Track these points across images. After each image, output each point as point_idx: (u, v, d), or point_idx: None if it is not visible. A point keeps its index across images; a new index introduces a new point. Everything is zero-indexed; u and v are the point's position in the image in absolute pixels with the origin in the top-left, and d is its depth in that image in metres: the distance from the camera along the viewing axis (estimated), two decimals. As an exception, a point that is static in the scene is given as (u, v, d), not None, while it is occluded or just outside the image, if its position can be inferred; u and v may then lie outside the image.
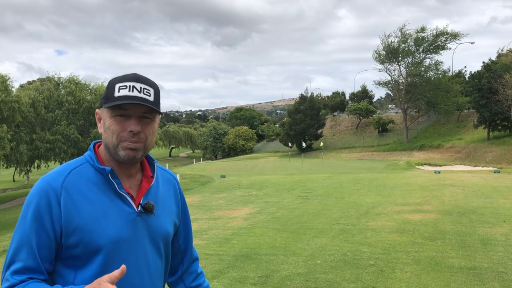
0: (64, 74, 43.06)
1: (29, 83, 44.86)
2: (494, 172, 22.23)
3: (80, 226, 1.32)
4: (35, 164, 37.39)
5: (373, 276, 5.09)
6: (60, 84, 37.02)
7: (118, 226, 1.38)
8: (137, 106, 1.36)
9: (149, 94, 1.38)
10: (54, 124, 35.17)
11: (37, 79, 43.35)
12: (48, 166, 39.71)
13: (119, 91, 1.36)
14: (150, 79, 1.42)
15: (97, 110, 1.47)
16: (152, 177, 1.49)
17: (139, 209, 1.42)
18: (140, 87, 1.37)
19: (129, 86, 1.36)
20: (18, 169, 35.94)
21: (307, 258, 5.93)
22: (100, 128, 1.43)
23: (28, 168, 37.25)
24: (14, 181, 50.75)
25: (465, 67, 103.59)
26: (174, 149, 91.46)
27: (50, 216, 1.32)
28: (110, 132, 1.38)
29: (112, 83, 1.39)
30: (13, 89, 31.62)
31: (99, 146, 1.49)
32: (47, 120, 34.93)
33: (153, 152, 79.56)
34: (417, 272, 5.21)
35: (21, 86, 41.19)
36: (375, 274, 5.18)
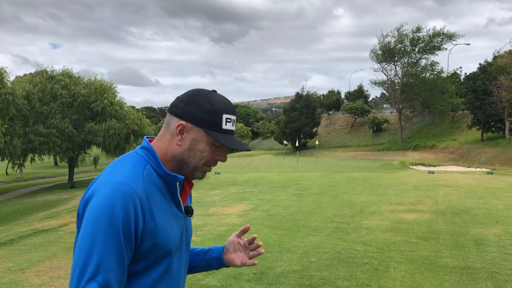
0: (58, 67, 42.70)
1: (25, 75, 44.55)
2: (487, 173, 22.36)
3: (154, 231, 1.30)
4: (29, 158, 37.16)
5: (367, 275, 5.12)
6: (54, 78, 36.75)
7: (177, 229, 1.40)
8: None
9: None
10: (49, 118, 34.95)
11: (32, 73, 43.03)
12: (42, 160, 39.50)
13: (226, 124, 1.39)
14: None
15: (183, 123, 1.37)
16: (191, 180, 1.50)
17: (183, 212, 1.45)
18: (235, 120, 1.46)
19: (232, 120, 1.42)
20: (11, 162, 35.72)
21: (302, 256, 5.95)
22: (180, 141, 1.38)
23: (21, 162, 37.03)
24: (7, 174, 50.45)
25: (460, 67, 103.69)
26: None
27: (136, 223, 1.26)
28: (199, 155, 1.39)
29: (219, 110, 1.38)
30: (8, 82, 31.40)
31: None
32: (42, 113, 34.70)
33: (148, 148, 79.40)
34: (411, 271, 5.23)
35: (16, 77, 40.88)
36: (369, 272, 5.21)
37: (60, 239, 7.45)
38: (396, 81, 49.18)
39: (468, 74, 39.71)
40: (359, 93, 67.49)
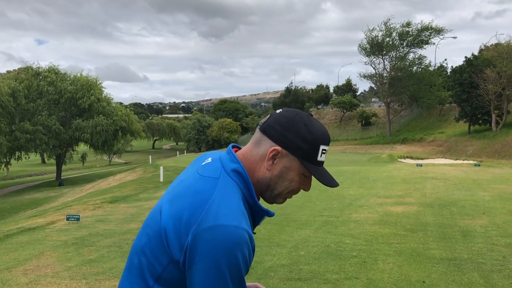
0: (44, 64, 42.02)
1: (9, 72, 43.92)
2: (475, 165, 22.61)
3: None
4: (15, 156, 36.72)
5: (355, 267, 5.14)
6: (40, 74, 36.31)
7: None
8: None
9: None
10: (35, 115, 34.56)
11: (15, 69, 42.46)
12: (29, 157, 39.08)
13: (321, 156, 1.32)
14: None
15: (278, 148, 1.30)
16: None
17: None
18: None
19: (326, 151, 1.35)
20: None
21: (291, 250, 5.96)
22: (270, 166, 1.31)
23: (8, 160, 36.60)
24: (-7, 172, 49.85)
25: (445, 59, 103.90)
26: (157, 141, 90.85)
27: (251, 260, 1.25)
28: (287, 184, 1.34)
29: (317, 141, 1.31)
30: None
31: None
32: (29, 110, 34.29)
33: (136, 144, 78.95)
34: (399, 263, 5.27)
35: (1, 74, 40.30)
36: (357, 265, 5.23)
37: (47, 237, 7.37)
38: (384, 74, 49.37)
39: (454, 67, 39.99)
40: (347, 87, 67.72)
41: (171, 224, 1.23)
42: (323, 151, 1.32)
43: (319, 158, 1.32)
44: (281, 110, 1.37)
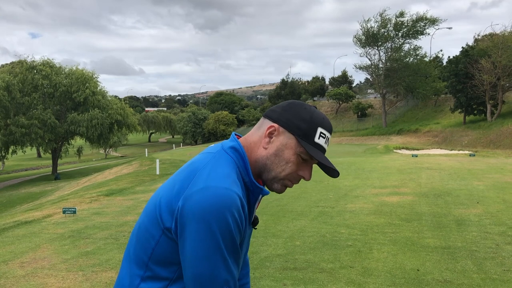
0: (38, 57, 41.57)
1: (3, 66, 43.62)
2: (470, 155, 22.71)
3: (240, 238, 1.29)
4: (10, 150, 36.57)
5: (351, 257, 5.18)
6: (35, 68, 36.06)
7: (247, 240, 1.40)
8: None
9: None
10: (30, 109, 34.37)
11: (7, 63, 42.16)
12: (25, 152, 38.93)
13: (319, 138, 1.31)
14: None
15: (275, 125, 1.32)
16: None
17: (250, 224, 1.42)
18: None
19: (327, 137, 1.34)
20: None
21: (287, 240, 6.00)
22: (267, 145, 1.32)
23: (4, 154, 36.46)
24: (-12, 167, 49.64)
25: (441, 50, 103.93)
26: (153, 134, 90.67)
27: (243, 227, 1.25)
28: (283, 165, 1.32)
29: (316, 122, 1.31)
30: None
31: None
32: (23, 104, 34.10)
33: (132, 138, 78.74)
34: (393, 252, 5.32)
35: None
36: (353, 254, 5.28)
37: (44, 230, 7.38)
38: (380, 65, 49.31)
39: (450, 58, 40.01)
40: (343, 79, 67.64)
41: (165, 195, 1.26)
42: (322, 135, 1.32)
43: (316, 140, 1.31)
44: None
